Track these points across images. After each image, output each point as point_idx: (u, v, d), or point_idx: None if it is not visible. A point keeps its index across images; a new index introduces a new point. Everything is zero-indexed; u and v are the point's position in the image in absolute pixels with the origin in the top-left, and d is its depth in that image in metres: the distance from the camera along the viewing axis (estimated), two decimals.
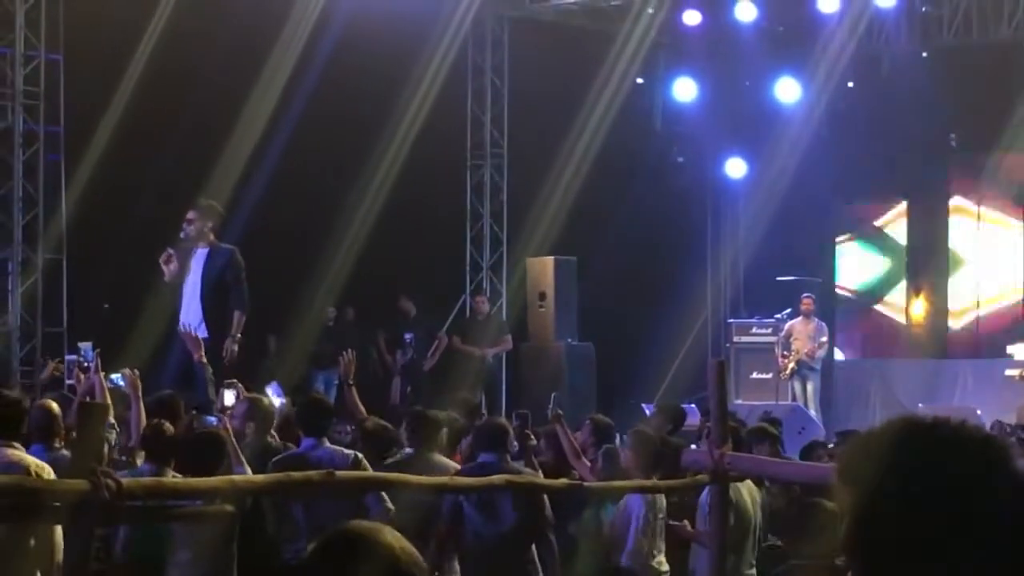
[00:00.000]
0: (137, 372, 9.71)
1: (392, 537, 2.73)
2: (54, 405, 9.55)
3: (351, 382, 11.93)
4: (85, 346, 10.51)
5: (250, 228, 17.94)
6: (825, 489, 8.46)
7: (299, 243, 19.33)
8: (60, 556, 7.65)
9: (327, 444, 9.78)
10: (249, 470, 9.08)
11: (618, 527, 10.42)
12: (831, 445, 14.00)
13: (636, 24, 22.48)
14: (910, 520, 2.28)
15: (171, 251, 14.02)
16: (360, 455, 9.62)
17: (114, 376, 9.95)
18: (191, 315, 14.01)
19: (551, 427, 11.80)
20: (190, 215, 14.28)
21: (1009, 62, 22.15)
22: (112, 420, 9.65)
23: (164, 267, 13.97)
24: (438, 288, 22.35)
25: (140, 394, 9.34)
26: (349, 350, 12.25)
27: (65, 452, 8.67)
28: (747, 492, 10.29)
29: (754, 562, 10.43)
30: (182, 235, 14.24)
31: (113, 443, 10.25)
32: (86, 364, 10.17)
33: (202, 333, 13.86)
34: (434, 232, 22.06)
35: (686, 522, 10.39)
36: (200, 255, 14.20)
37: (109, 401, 9.60)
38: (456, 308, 23.01)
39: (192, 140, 17.95)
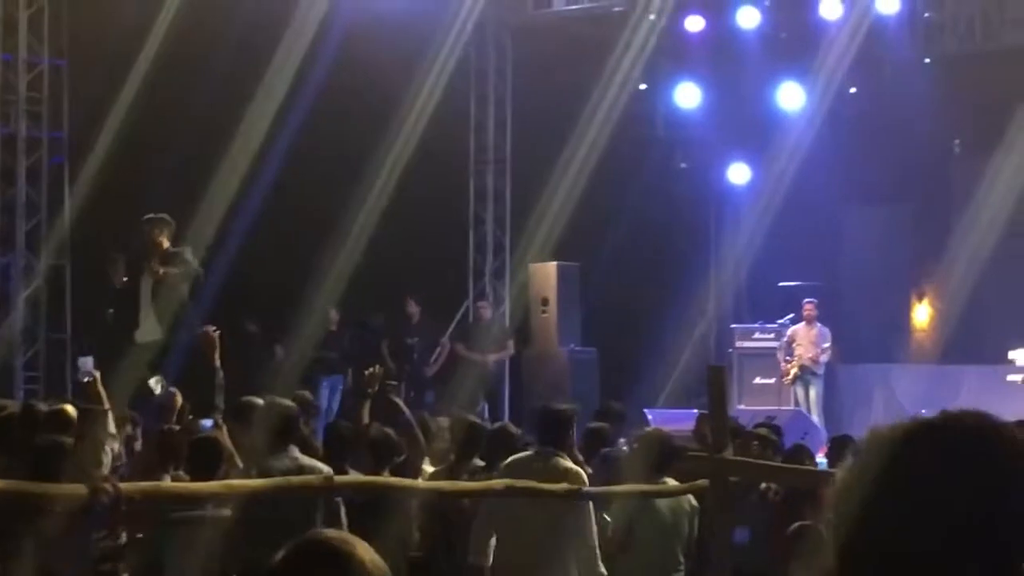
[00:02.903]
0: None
1: (365, 551, 2.64)
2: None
3: (370, 392, 11.05)
4: (84, 360, 10.35)
5: (253, 232, 17.96)
6: (818, 495, 8.45)
7: (301, 247, 19.32)
8: None
9: None
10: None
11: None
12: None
13: (638, 30, 22.46)
14: (907, 532, 2.12)
15: (118, 255, 14.10)
16: None
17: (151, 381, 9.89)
18: (149, 324, 14.11)
19: None
20: (144, 229, 14.41)
21: (1012, 68, 22.12)
22: (114, 430, 9.61)
23: (110, 271, 14.05)
24: (440, 294, 22.31)
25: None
26: (377, 367, 11.71)
27: None
28: (665, 503, 10.01)
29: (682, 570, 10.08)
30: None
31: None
32: (87, 379, 10.04)
33: (157, 336, 13.97)
34: (436, 237, 22.05)
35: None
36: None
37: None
38: (459, 314, 22.99)
39: (195, 145, 17.96)
